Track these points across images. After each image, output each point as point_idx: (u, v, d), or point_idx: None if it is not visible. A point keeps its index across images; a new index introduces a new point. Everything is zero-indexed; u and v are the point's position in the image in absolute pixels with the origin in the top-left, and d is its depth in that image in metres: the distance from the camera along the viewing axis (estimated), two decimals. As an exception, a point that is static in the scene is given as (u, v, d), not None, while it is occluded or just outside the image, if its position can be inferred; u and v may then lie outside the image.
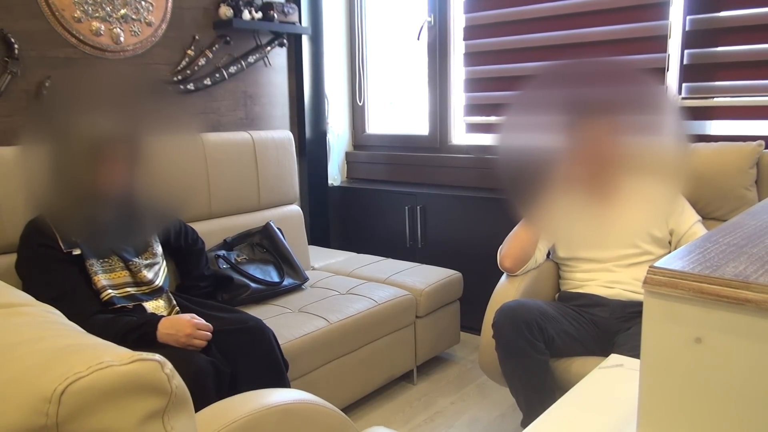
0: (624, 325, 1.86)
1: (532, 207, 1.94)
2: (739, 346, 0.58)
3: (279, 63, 3.08)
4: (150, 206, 1.77)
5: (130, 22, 2.43)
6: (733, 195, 2.06)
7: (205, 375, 1.60)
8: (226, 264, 2.34)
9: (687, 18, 2.38)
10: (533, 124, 1.69)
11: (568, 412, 1.08)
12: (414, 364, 2.55)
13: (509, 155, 1.66)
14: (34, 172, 1.60)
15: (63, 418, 0.53)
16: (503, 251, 2.05)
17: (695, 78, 2.40)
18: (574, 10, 2.64)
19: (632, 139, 1.81)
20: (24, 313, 0.78)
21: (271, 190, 2.70)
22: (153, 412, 0.58)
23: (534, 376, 1.80)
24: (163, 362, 0.59)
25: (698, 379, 0.61)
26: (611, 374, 1.22)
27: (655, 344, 0.64)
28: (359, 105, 3.52)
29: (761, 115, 2.29)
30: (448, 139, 3.21)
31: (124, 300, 1.76)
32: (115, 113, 1.68)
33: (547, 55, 2.73)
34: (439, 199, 3.10)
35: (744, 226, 0.76)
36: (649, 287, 0.63)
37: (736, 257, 0.64)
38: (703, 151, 2.13)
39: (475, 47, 2.98)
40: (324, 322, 2.15)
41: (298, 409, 1.06)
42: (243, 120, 2.94)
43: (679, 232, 1.96)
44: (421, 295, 2.50)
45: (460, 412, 2.34)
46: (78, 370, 0.54)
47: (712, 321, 0.59)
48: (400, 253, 3.14)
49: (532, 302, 1.87)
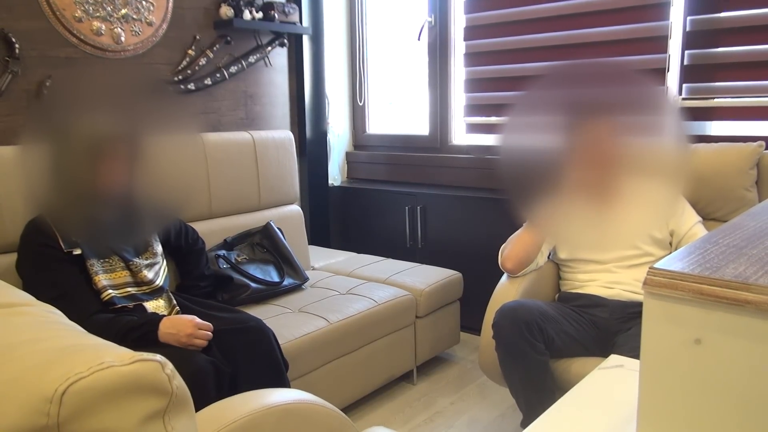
0: (624, 326, 1.86)
1: (536, 210, 1.94)
2: (738, 347, 0.58)
3: (279, 63, 3.08)
4: (150, 206, 1.77)
5: (131, 21, 2.43)
6: (734, 196, 2.06)
7: (205, 375, 1.60)
8: (226, 264, 2.34)
9: (687, 18, 2.38)
10: (535, 126, 1.69)
11: (568, 413, 1.08)
12: (414, 364, 2.55)
13: (511, 157, 1.66)
14: (34, 171, 1.60)
15: (64, 419, 0.53)
16: (505, 253, 2.05)
17: (696, 78, 2.40)
18: (575, 10, 2.64)
19: (633, 140, 1.81)
20: (25, 313, 0.78)
21: (272, 190, 2.71)
22: (154, 412, 0.58)
23: (534, 377, 1.80)
24: (164, 363, 0.59)
25: (698, 380, 0.61)
26: (611, 375, 1.22)
27: (654, 345, 0.64)
28: (360, 105, 3.52)
29: (761, 115, 2.29)
30: (448, 140, 3.21)
31: (125, 300, 1.76)
32: (116, 113, 1.68)
33: (547, 56, 2.73)
34: (439, 199, 3.10)
35: (744, 227, 0.76)
36: (648, 288, 0.63)
37: (736, 258, 0.65)
38: (704, 151, 2.13)
39: (475, 47, 2.99)
40: (324, 322, 2.15)
41: (298, 409, 1.06)
42: (243, 120, 2.94)
43: (680, 233, 1.96)
44: (421, 295, 2.50)
45: (460, 413, 2.34)
46: (79, 370, 0.55)
47: (711, 322, 0.59)
48: (400, 253, 3.14)
49: (532, 303, 1.87)
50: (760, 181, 2.08)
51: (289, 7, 2.95)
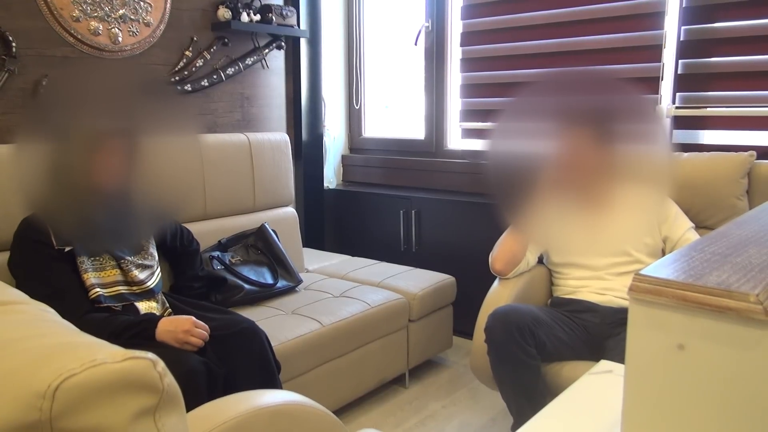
0: (614, 331, 1.88)
1: (519, 213, 1.97)
2: (720, 353, 0.59)
3: (276, 65, 3.09)
4: (146, 207, 1.77)
5: (129, 22, 2.44)
6: (724, 204, 2.08)
7: (197, 375, 1.60)
8: (220, 265, 2.34)
9: (682, 28, 2.40)
10: (522, 132, 1.71)
11: (556, 418, 1.09)
12: (406, 367, 2.56)
13: (497, 161, 1.68)
14: (30, 170, 1.61)
15: (56, 414, 0.54)
16: (494, 255, 2.07)
17: (689, 87, 2.42)
18: (570, 18, 2.66)
19: (618, 147, 1.83)
20: (19, 311, 0.78)
21: (267, 192, 2.71)
22: (144, 409, 0.59)
23: (525, 381, 1.81)
24: (155, 360, 0.60)
25: (680, 386, 0.62)
26: (600, 380, 1.23)
27: (639, 351, 0.65)
28: (356, 108, 3.54)
29: (753, 125, 2.31)
30: (443, 144, 3.22)
31: (112, 300, 1.75)
32: (112, 113, 1.69)
33: (543, 63, 2.75)
34: (433, 203, 3.11)
35: (729, 235, 0.77)
36: (634, 294, 0.64)
37: (720, 266, 0.66)
38: (696, 160, 2.15)
39: (471, 53, 3.00)
40: (317, 324, 2.16)
41: (289, 410, 1.06)
42: (240, 122, 2.95)
43: (673, 238, 1.98)
44: (414, 298, 2.50)
45: (452, 416, 2.35)
46: (72, 367, 0.55)
47: (694, 328, 0.61)
48: (395, 256, 3.15)
49: (524, 307, 1.88)
50: (750, 190, 2.10)
51: (286, 10, 2.97)
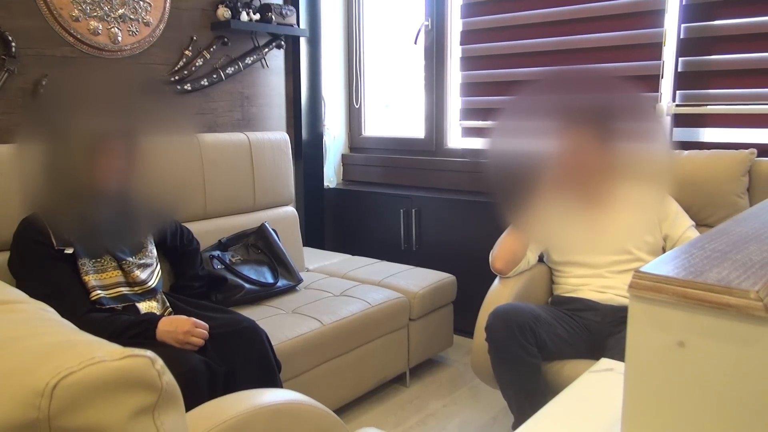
0: (615, 329, 1.87)
1: (519, 212, 1.97)
2: (720, 350, 0.59)
3: (276, 65, 3.09)
4: (146, 206, 1.77)
5: (128, 21, 2.44)
6: (725, 202, 2.08)
7: (197, 374, 1.60)
8: (220, 264, 2.34)
9: (682, 26, 2.40)
10: (522, 131, 1.71)
11: (556, 416, 1.09)
12: (407, 366, 2.56)
13: (497, 160, 1.68)
14: (29, 170, 1.61)
15: (55, 412, 0.54)
16: (494, 253, 2.07)
17: (689, 85, 2.42)
18: (570, 16, 2.66)
19: (618, 145, 1.83)
20: (18, 310, 0.78)
21: (267, 192, 2.71)
22: (143, 407, 0.59)
23: (526, 380, 1.81)
24: (154, 359, 0.60)
25: (681, 383, 0.62)
26: (601, 378, 1.23)
27: (639, 348, 0.65)
28: (356, 107, 3.53)
29: (754, 123, 2.31)
30: (443, 143, 3.22)
31: (114, 301, 1.76)
32: (112, 113, 1.69)
33: (543, 61, 2.75)
34: (434, 202, 3.11)
35: (730, 232, 0.77)
36: (634, 291, 0.64)
37: (720, 263, 0.66)
38: (696, 158, 2.15)
39: (471, 52, 3.00)
40: (317, 323, 2.16)
41: (290, 409, 1.06)
42: (239, 121, 2.95)
43: (674, 237, 1.98)
44: (414, 297, 2.50)
45: (452, 415, 2.34)
46: (70, 365, 0.55)
47: (694, 325, 0.61)
48: (395, 255, 3.15)
49: (525, 306, 1.88)
50: (751, 188, 2.10)
51: (286, 9, 2.96)
